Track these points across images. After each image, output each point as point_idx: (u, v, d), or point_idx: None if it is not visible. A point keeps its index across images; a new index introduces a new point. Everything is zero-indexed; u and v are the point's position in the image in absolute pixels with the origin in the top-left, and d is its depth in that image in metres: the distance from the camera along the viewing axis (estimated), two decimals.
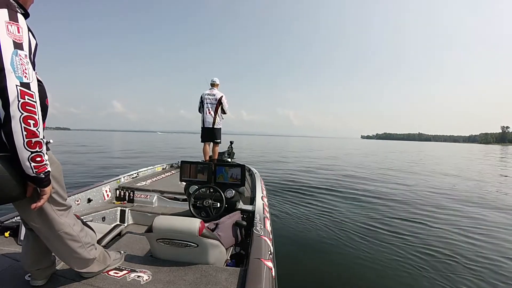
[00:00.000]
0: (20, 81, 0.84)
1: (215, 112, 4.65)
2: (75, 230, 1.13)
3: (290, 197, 5.73)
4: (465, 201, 5.84)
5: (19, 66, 0.85)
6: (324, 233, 3.69)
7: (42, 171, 0.94)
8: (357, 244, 3.33)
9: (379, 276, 2.64)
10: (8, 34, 0.84)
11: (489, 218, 4.57)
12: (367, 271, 2.74)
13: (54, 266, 1.27)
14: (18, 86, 0.84)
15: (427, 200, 5.82)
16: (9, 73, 0.83)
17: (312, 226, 3.93)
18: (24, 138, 0.87)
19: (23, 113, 0.85)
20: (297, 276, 2.58)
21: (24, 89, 0.85)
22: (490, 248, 3.33)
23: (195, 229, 1.33)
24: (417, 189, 7.16)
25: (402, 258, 3.00)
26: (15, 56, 0.84)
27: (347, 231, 3.75)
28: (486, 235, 3.76)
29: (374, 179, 8.71)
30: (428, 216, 4.56)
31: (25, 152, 0.88)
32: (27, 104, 0.86)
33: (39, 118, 0.90)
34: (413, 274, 2.67)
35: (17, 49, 0.85)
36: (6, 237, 1.66)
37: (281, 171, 9.97)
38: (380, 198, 5.84)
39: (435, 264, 2.88)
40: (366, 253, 3.10)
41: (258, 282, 1.18)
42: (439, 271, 2.72)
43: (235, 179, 2.46)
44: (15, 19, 0.87)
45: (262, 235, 1.67)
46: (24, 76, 0.86)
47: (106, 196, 2.86)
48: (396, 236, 3.61)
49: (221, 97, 4.63)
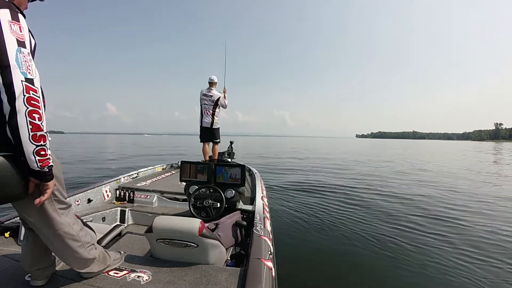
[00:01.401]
0: (25, 76, 0.88)
1: (213, 113, 4.66)
2: (75, 229, 1.13)
3: (290, 197, 5.73)
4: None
5: (23, 63, 0.88)
6: (324, 233, 3.68)
7: (46, 165, 0.96)
8: (358, 244, 3.32)
9: (379, 276, 2.64)
10: (12, 33, 0.87)
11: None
12: (367, 271, 2.75)
13: (54, 266, 1.27)
14: (23, 81, 0.87)
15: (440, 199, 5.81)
16: (15, 69, 0.86)
17: (312, 226, 3.93)
18: (30, 132, 0.89)
19: (28, 107, 0.88)
20: (297, 276, 2.58)
21: (28, 84, 0.88)
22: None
23: (195, 229, 1.33)
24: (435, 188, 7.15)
25: (403, 257, 2.99)
26: (19, 53, 0.87)
27: (347, 231, 3.75)
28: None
29: (375, 179, 8.71)
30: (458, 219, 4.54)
31: (30, 146, 0.90)
32: (32, 98, 0.89)
33: (42, 112, 0.93)
34: (414, 275, 2.67)
35: (20, 46, 0.88)
36: (6, 238, 1.66)
37: (281, 170, 9.97)
38: (382, 198, 5.84)
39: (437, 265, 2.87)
40: (367, 253, 3.10)
41: (258, 282, 1.18)
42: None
43: (235, 179, 2.46)
44: (17, 19, 0.91)
45: (262, 235, 1.67)
46: (28, 72, 0.89)
47: (106, 196, 2.86)
48: (399, 236, 3.61)
49: (218, 98, 4.64)
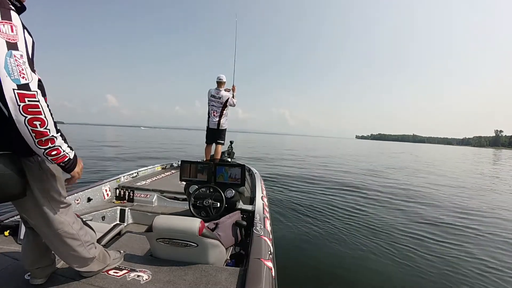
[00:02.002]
0: (17, 83, 0.81)
1: (221, 114, 4.61)
2: (75, 228, 1.13)
3: (291, 196, 5.72)
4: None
5: (14, 68, 0.81)
6: (324, 232, 3.68)
7: (60, 161, 0.95)
8: (358, 244, 3.32)
9: (380, 276, 2.64)
10: (1, 35, 0.81)
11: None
12: (368, 270, 2.74)
13: (54, 265, 1.27)
14: (15, 90, 0.81)
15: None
16: (4, 77, 0.80)
17: (312, 226, 3.92)
18: (34, 139, 0.86)
19: (26, 116, 0.83)
20: (297, 276, 2.58)
21: (22, 91, 0.82)
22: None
23: (195, 228, 1.33)
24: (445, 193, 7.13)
25: (405, 257, 2.99)
26: (9, 58, 0.81)
27: (347, 231, 3.75)
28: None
29: (378, 179, 8.71)
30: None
31: (39, 150, 0.90)
32: (28, 106, 0.83)
33: (46, 116, 0.88)
34: (416, 275, 2.67)
35: (11, 49, 0.81)
36: (6, 236, 1.66)
37: (280, 170, 9.96)
38: (383, 198, 5.84)
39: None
40: (367, 253, 3.09)
41: (258, 282, 1.18)
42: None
43: (235, 179, 2.46)
44: (8, 17, 0.84)
45: (262, 235, 1.67)
46: (21, 77, 0.82)
47: (106, 195, 2.86)
48: (400, 236, 3.61)
49: (227, 99, 4.60)
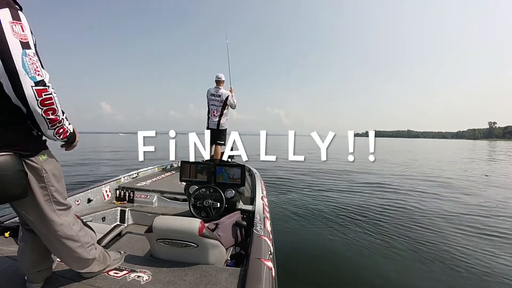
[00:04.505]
0: (34, 81, 0.87)
1: (221, 114, 4.57)
2: (75, 229, 1.13)
3: (291, 196, 5.73)
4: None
5: (30, 66, 0.86)
6: (324, 232, 3.68)
7: (65, 136, 1.07)
8: (358, 244, 3.32)
9: (380, 276, 2.64)
10: (14, 35, 0.84)
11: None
12: (368, 270, 2.74)
13: (51, 269, 1.27)
14: (33, 87, 0.87)
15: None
16: (23, 75, 0.85)
17: (312, 226, 3.92)
18: (48, 124, 0.96)
19: (43, 108, 0.91)
20: (297, 276, 2.58)
21: (39, 87, 0.89)
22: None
23: (195, 229, 1.33)
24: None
25: (407, 257, 2.99)
26: (24, 57, 0.85)
27: (348, 230, 3.74)
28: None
29: (379, 179, 8.69)
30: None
31: (50, 131, 0.99)
32: (45, 99, 0.91)
33: (56, 105, 0.96)
34: (417, 275, 2.67)
35: (25, 49, 0.85)
36: (6, 238, 1.66)
37: (279, 169, 9.95)
38: (383, 196, 5.84)
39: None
40: (367, 253, 3.09)
41: (258, 282, 1.18)
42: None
43: (235, 179, 2.46)
44: (18, 18, 0.87)
45: (262, 235, 1.67)
46: (37, 74, 0.88)
47: (106, 196, 2.86)
48: (401, 236, 3.60)
49: (226, 97, 4.54)
